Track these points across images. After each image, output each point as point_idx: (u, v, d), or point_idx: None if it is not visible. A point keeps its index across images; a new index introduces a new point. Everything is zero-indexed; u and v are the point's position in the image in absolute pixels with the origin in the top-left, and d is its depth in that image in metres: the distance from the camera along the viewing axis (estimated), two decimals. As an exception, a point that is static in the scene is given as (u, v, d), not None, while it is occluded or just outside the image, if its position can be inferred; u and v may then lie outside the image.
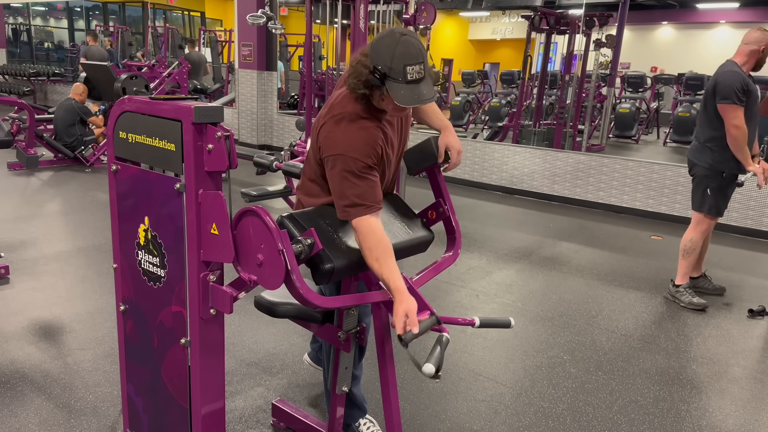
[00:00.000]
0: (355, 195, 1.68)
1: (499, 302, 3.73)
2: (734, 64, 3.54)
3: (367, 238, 1.67)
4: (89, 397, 2.48)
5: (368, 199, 1.69)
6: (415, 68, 1.61)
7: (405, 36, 1.63)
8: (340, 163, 1.69)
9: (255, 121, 8.85)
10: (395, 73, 1.61)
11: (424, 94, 1.64)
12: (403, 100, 1.62)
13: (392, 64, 1.60)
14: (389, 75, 1.62)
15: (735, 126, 3.45)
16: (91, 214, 5.13)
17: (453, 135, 1.98)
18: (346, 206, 1.70)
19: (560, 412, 2.56)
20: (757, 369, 3.08)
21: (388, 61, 1.61)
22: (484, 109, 11.10)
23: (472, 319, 1.73)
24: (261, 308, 1.98)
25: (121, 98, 1.64)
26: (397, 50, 1.61)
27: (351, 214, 1.69)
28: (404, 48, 1.61)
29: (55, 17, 18.40)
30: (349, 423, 2.23)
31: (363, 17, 4.76)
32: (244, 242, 1.50)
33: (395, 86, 1.62)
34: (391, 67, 1.61)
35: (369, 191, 1.70)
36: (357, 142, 1.70)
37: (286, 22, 15.87)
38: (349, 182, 1.69)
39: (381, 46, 1.63)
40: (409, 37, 1.64)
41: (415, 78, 1.62)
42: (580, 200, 6.46)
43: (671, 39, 15.53)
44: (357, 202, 1.68)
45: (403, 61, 1.60)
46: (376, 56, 1.63)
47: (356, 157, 1.69)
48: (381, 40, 1.65)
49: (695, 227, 3.78)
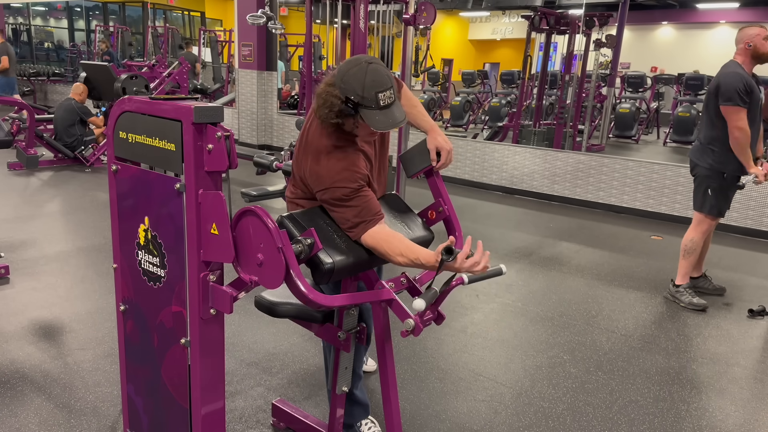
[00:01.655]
0: (354, 216, 1.75)
1: (499, 302, 3.73)
2: (737, 64, 3.54)
3: (380, 245, 1.73)
4: (89, 397, 2.48)
5: (367, 215, 1.75)
6: (386, 94, 1.68)
7: (371, 64, 1.70)
8: (330, 194, 1.76)
9: (255, 121, 8.85)
10: (368, 102, 1.68)
11: (397, 117, 1.72)
12: (379, 126, 1.70)
13: (364, 93, 1.67)
14: (362, 104, 1.68)
15: (738, 128, 3.45)
16: (91, 214, 5.13)
17: (441, 135, 2.04)
18: (349, 228, 1.76)
19: (560, 412, 2.56)
20: (757, 369, 3.08)
21: (359, 90, 1.67)
22: (484, 109, 11.10)
23: (460, 278, 1.75)
24: (261, 308, 1.98)
25: (121, 98, 1.64)
26: (366, 79, 1.67)
27: (357, 233, 1.75)
28: (373, 76, 1.67)
29: (55, 17, 18.39)
30: (350, 423, 2.23)
31: (363, 17, 4.76)
32: (244, 242, 1.50)
33: (369, 113, 1.69)
34: (363, 96, 1.67)
35: (365, 209, 1.75)
36: (340, 172, 1.76)
37: (286, 22, 15.87)
38: (345, 208, 1.75)
39: (350, 77, 1.69)
40: (376, 64, 1.70)
41: (387, 103, 1.69)
42: (580, 200, 6.46)
43: (671, 39, 15.53)
44: (357, 222, 1.75)
45: (374, 89, 1.67)
46: (347, 87, 1.68)
47: (343, 186, 1.75)
48: (349, 71, 1.70)
49: (696, 227, 3.78)
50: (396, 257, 1.71)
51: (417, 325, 1.67)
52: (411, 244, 1.72)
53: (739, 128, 3.45)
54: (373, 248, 1.74)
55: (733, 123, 3.45)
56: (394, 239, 1.73)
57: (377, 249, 1.73)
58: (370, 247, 1.75)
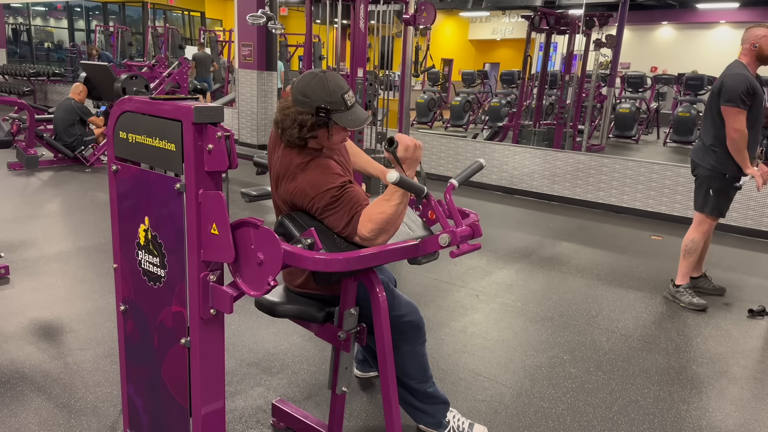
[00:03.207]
0: (346, 213, 1.74)
1: (499, 302, 3.73)
2: (742, 65, 3.53)
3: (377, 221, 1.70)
4: (89, 397, 2.48)
5: (356, 206, 1.75)
6: (350, 94, 1.80)
7: (324, 72, 1.81)
8: (319, 202, 1.77)
9: (255, 121, 8.85)
10: (338, 105, 1.77)
11: (364, 113, 1.84)
12: (354, 124, 1.80)
13: (331, 98, 1.76)
14: (332, 108, 1.77)
15: (736, 129, 3.44)
16: (91, 214, 5.13)
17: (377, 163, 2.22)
18: (345, 226, 1.75)
19: (560, 412, 2.56)
20: (757, 369, 3.08)
21: (327, 96, 1.76)
22: (484, 109, 11.11)
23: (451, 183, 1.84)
24: (261, 308, 1.98)
25: (121, 98, 1.64)
26: (329, 86, 1.77)
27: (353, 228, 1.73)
28: (334, 80, 1.79)
29: (55, 17, 18.39)
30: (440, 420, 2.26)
31: (363, 17, 4.76)
32: (245, 251, 1.51)
33: (341, 116, 1.78)
34: (332, 101, 1.76)
35: (353, 201, 1.76)
36: (318, 179, 1.78)
37: (286, 22, 15.86)
38: (336, 209, 1.75)
39: (311, 88, 1.77)
40: (329, 72, 1.82)
41: (352, 103, 1.81)
42: (580, 200, 6.46)
43: (671, 39, 15.53)
44: (351, 217, 1.74)
45: (339, 92, 1.78)
46: (314, 98, 1.76)
47: (327, 188, 1.76)
48: (308, 84, 1.79)
49: (697, 227, 3.78)
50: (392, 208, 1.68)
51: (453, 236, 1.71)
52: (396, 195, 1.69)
53: (736, 130, 3.44)
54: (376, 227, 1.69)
55: (731, 124, 3.45)
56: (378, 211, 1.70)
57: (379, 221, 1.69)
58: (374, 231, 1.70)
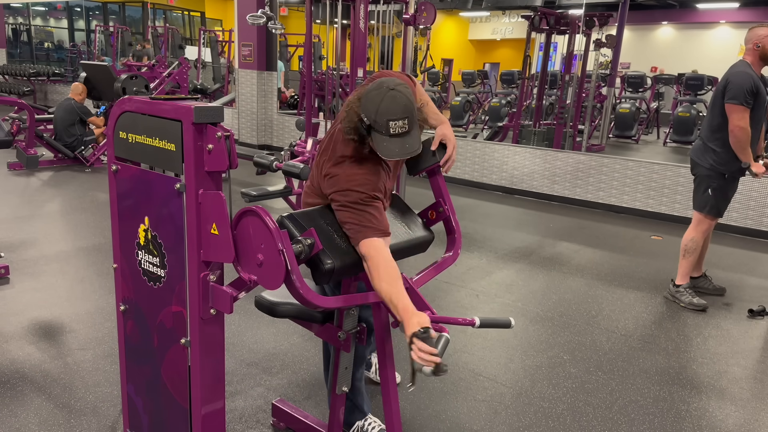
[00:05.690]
0: (361, 220, 1.70)
1: (499, 302, 3.73)
2: (746, 64, 3.53)
3: (373, 259, 1.66)
4: (89, 397, 2.48)
5: (376, 225, 1.70)
6: (398, 123, 1.66)
7: (392, 90, 1.68)
8: (345, 197, 1.72)
9: (255, 121, 8.85)
10: (379, 126, 1.67)
11: (407, 147, 1.69)
12: (386, 153, 1.69)
13: (377, 117, 1.66)
14: (374, 128, 1.68)
15: (739, 127, 3.44)
16: (91, 214, 5.13)
17: (449, 129, 2.02)
18: (352, 230, 1.71)
19: (560, 412, 2.56)
20: (757, 369, 3.08)
21: (373, 114, 1.67)
22: (484, 109, 11.10)
23: (473, 319, 1.73)
24: (261, 308, 1.98)
25: (121, 98, 1.64)
26: (381, 105, 1.66)
27: (357, 237, 1.69)
28: (389, 103, 1.66)
29: (55, 17, 18.40)
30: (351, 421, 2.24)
31: (363, 17, 4.76)
32: (244, 242, 1.50)
33: (379, 138, 1.68)
34: (375, 120, 1.67)
35: (376, 219, 1.71)
36: (360, 177, 1.74)
37: (286, 22, 15.87)
38: (355, 210, 1.71)
39: (368, 99, 1.69)
40: (397, 91, 1.68)
41: (398, 132, 1.67)
42: (580, 200, 6.46)
43: (671, 39, 15.53)
44: (364, 226, 1.69)
45: (386, 117, 1.65)
46: (364, 108, 1.69)
47: (360, 191, 1.72)
48: (370, 92, 1.70)
49: (696, 227, 3.78)
50: (380, 282, 1.63)
51: None
52: (400, 286, 1.63)
53: (740, 128, 3.44)
54: (365, 257, 1.68)
55: (735, 122, 3.45)
56: (389, 265, 1.66)
57: (368, 260, 1.67)
58: (362, 255, 1.69)
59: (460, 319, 1.74)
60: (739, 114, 3.44)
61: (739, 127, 3.45)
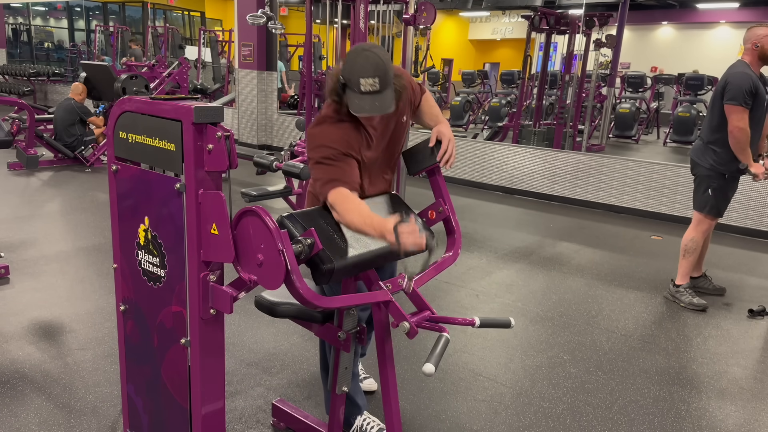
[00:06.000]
0: (332, 173, 1.78)
1: (499, 302, 3.73)
2: (745, 64, 3.53)
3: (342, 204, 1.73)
4: (89, 397, 2.48)
5: (342, 178, 1.78)
6: (369, 81, 1.73)
7: (366, 51, 1.77)
8: (317, 152, 1.81)
9: (255, 121, 8.85)
10: (352, 84, 1.75)
11: (377, 105, 1.76)
12: (356, 109, 1.77)
13: (350, 75, 1.75)
14: (348, 85, 1.77)
15: (739, 128, 3.44)
16: (91, 214, 5.13)
17: (446, 126, 2.09)
18: (322, 185, 1.78)
19: (560, 412, 2.56)
20: (757, 369, 3.08)
21: (347, 73, 1.76)
22: (484, 109, 11.10)
23: (473, 319, 1.74)
24: (261, 308, 1.98)
25: (121, 98, 1.64)
26: (356, 64, 1.75)
27: (325, 191, 1.77)
28: (363, 61, 1.74)
29: (55, 17, 18.39)
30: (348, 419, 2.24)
31: (363, 17, 4.76)
32: (244, 242, 1.50)
33: (351, 95, 1.77)
34: (349, 79, 1.75)
35: (343, 172, 1.79)
36: (333, 135, 1.83)
37: (286, 22, 15.86)
38: (325, 166, 1.79)
39: (347, 59, 1.78)
40: (370, 52, 1.76)
41: (368, 90, 1.74)
42: (580, 200, 6.46)
43: (671, 39, 15.52)
44: (330, 179, 1.77)
45: (358, 75, 1.73)
46: (343, 69, 1.78)
47: (330, 146, 1.80)
48: (350, 53, 1.80)
49: (696, 227, 3.78)
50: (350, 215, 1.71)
51: (412, 328, 1.68)
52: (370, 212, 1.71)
53: (739, 128, 3.44)
54: (332, 205, 1.76)
55: (735, 122, 3.45)
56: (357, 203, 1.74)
57: (336, 206, 1.74)
58: (330, 205, 1.77)
59: (460, 319, 1.75)
60: (738, 115, 3.44)
61: (738, 128, 3.45)
